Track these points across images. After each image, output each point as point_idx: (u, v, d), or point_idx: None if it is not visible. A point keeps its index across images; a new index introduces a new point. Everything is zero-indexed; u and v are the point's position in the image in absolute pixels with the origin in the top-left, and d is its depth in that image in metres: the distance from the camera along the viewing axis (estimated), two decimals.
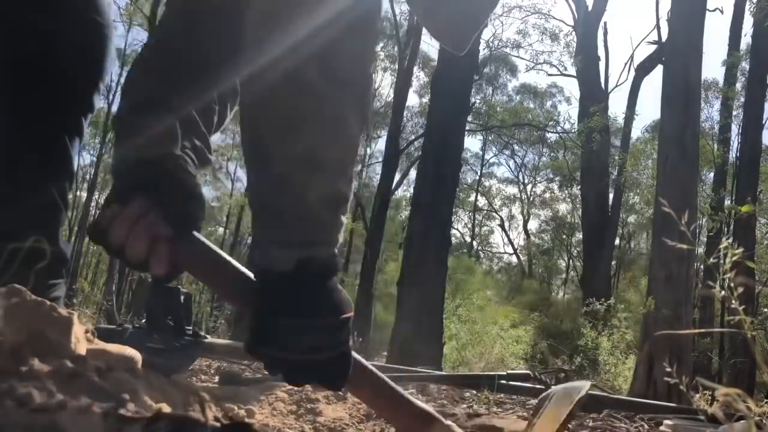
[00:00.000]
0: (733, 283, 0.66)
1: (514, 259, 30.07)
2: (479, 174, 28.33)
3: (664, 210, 0.81)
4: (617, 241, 20.35)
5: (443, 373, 4.01)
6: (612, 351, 9.97)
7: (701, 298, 10.63)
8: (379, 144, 24.30)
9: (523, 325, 14.68)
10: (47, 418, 0.43)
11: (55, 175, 1.18)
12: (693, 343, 8.12)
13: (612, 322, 10.47)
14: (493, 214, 30.09)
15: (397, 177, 19.11)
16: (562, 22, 27.42)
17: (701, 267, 9.51)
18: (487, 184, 29.45)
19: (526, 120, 21.59)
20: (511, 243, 29.93)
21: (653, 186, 10.96)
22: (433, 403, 2.00)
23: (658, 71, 10.72)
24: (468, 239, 29.35)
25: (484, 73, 21.89)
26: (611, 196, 16.19)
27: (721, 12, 13.08)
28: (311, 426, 1.07)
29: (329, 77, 0.68)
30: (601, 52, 17.18)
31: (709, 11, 8.87)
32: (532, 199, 29.10)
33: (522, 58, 30.21)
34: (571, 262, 26.87)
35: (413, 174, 16.10)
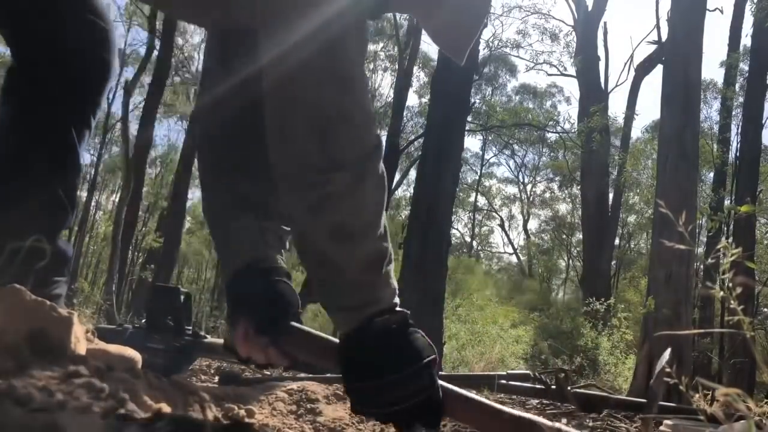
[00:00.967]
0: (732, 283, 0.66)
1: (514, 259, 30.09)
2: (479, 174, 28.35)
3: (663, 210, 0.81)
4: (617, 241, 20.35)
5: (443, 373, 4.01)
6: (612, 351, 9.97)
7: (701, 298, 10.63)
8: None
9: (523, 325, 14.66)
10: (47, 418, 0.43)
11: (61, 177, 1.18)
12: (693, 343, 8.12)
13: (612, 322, 10.47)
14: (493, 213, 30.10)
15: (397, 177, 19.13)
16: (562, 22, 27.49)
17: (701, 267, 9.51)
18: (487, 183, 29.47)
19: (526, 120, 21.57)
20: (511, 243, 29.95)
21: (653, 186, 10.96)
22: None
23: (658, 71, 10.71)
24: (468, 239, 29.35)
25: (483, 73, 21.87)
26: (611, 196, 16.19)
27: (721, 12, 13.06)
28: (311, 426, 1.07)
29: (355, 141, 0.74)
30: (601, 52, 17.18)
31: (709, 11, 8.85)
32: (532, 199, 29.11)
33: (522, 58, 30.28)
34: (571, 262, 26.86)
35: (413, 174, 16.10)
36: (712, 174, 15.08)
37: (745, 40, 13.41)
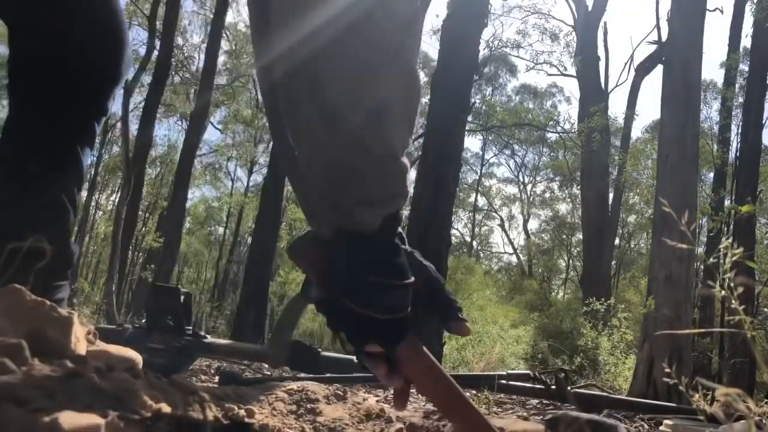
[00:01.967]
0: (732, 283, 0.66)
1: (514, 259, 30.10)
2: (479, 174, 28.39)
3: (664, 210, 0.81)
4: (617, 241, 20.37)
5: None
6: (612, 351, 9.97)
7: (701, 298, 10.64)
8: None
9: (523, 325, 14.67)
10: (47, 418, 0.43)
11: (64, 179, 1.16)
12: (693, 343, 8.12)
13: (612, 322, 10.47)
14: (493, 213, 30.14)
15: None
16: (562, 22, 27.51)
17: (701, 267, 9.51)
18: (487, 184, 29.52)
19: (526, 120, 21.60)
20: (511, 243, 29.96)
21: (653, 186, 10.96)
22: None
23: (658, 71, 10.73)
24: (468, 239, 29.37)
25: (483, 73, 21.89)
26: (611, 196, 16.21)
27: (721, 12, 13.08)
28: (311, 426, 1.07)
29: (395, 20, 0.67)
30: (601, 52, 17.21)
31: (709, 11, 8.86)
32: (532, 199, 29.15)
33: (522, 58, 30.29)
34: (571, 262, 26.88)
35: (413, 174, 16.08)
36: (712, 174, 15.11)
37: (745, 41, 13.43)
